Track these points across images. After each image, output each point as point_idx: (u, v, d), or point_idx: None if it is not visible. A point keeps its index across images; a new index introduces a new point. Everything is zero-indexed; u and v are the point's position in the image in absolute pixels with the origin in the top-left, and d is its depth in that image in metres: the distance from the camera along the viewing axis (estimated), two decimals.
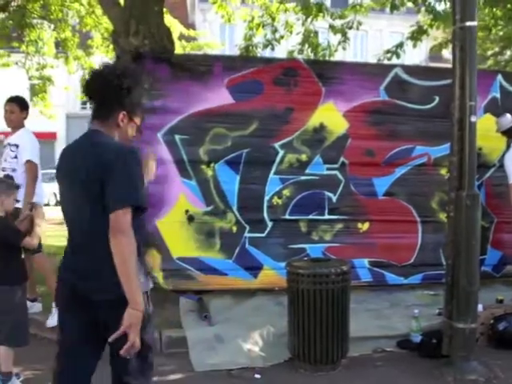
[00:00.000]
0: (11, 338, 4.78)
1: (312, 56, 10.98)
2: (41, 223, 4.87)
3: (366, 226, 7.35)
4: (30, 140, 6.45)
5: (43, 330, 6.30)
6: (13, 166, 6.34)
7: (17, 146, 6.37)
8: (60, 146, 42.11)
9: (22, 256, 4.97)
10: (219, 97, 6.85)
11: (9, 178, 6.11)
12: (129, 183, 2.90)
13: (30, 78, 15.88)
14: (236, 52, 11.82)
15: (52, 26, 13.62)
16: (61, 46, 14.10)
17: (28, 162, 6.31)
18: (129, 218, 2.85)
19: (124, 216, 2.83)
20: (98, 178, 2.88)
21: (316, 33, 11.09)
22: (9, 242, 4.73)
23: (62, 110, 32.62)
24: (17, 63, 14.91)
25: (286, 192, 7.10)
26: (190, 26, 21.06)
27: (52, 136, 39.56)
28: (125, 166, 2.90)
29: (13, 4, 12.00)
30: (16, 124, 6.50)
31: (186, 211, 6.82)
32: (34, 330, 5.81)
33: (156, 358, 5.50)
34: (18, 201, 5.92)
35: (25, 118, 6.57)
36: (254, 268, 6.99)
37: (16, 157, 6.36)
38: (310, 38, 11.03)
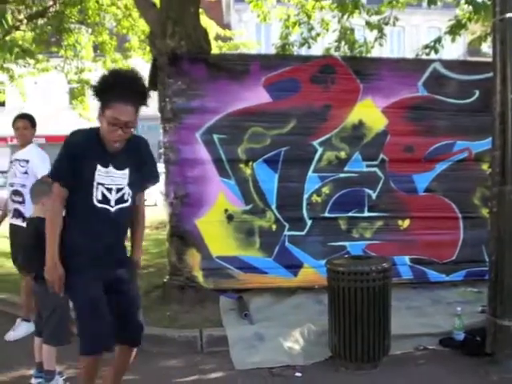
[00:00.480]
0: (54, 336, 4.86)
1: (349, 53, 10.91)
2: None
3: (406, 223, 7.28)
4: (40, 154, 6.36)
5: None
6: (23, 181, 6.22)
7: (27, 161, 6.27)
8: None
9: None
10: (256, 96, 6.85)
11: (17, 193, 6.17)
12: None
13: (68, 82, 16.09)
14: (272, 51, 11.80)
15: (89, 30, 13.81)
16: (98, 49, 14.28)
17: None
18: (53, 189, 3.74)
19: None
20: None
21: (352, 30, 11.01)
22: None
23: None
24: (56, 67, 15.14)
25: (325, 190, 7.07)
26: (226, 26, 21.11)
27: None
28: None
29: (51, 10, 12.18)
30: (29, 139, 6.40)
31: (226, 210, 6.84)
32: (76, 328, 5.88)
33: (196, 356, 5.62)
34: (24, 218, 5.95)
35: (33, 134, 6.48)
36: (294, 266, 6.98)
37: (26, 172, 6.26)
38: (346, 35, 10.96)
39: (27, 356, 5.33)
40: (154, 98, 8.37)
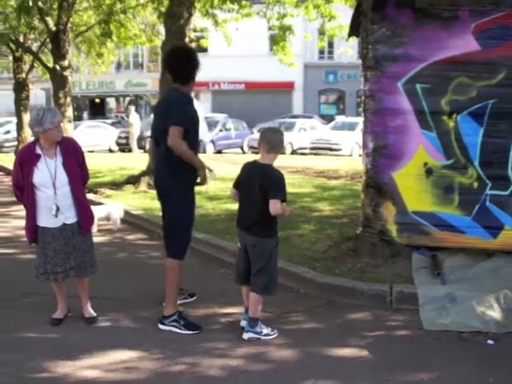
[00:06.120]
0: (266, 287, 5.02)
1: None
2: None
3: None
4: None
5: (289, 279, 6.42)
6: None
7: None
8: (297, 96, 43.33)
9: None
10: (465, 44, 6.44)
11: None
12: None
13: (270, 28, 16.36)
14: None
15: None
16: None
17: None
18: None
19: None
20: None
21: None
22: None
23: (299, 60, 33.24)
24: (258, 13, 15.43)
25: None
26: None
27: (289, 85, 40.79)
28: None
29: None
30: None
31: (425, 164, 6.57)
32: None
33: (384, 311, 5.61)
34: None
35: None
36: (494, 227, 6.56)
37: None
38: None
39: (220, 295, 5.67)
40: (354, 45, 8.19)
